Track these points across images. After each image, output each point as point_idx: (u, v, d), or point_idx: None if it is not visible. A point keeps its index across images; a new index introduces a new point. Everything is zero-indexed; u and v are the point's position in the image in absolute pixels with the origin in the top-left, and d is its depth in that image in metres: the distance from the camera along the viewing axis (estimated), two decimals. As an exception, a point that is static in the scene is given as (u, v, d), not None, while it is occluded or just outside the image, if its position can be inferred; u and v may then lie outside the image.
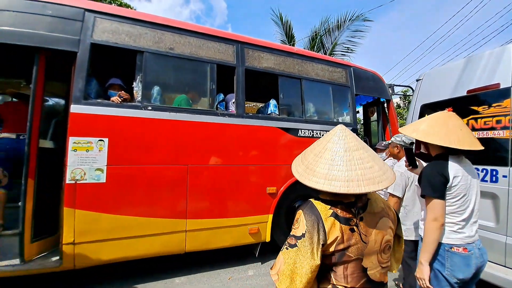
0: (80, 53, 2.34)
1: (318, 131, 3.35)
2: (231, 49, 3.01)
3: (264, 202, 2.97)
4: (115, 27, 2.52)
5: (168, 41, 2.71)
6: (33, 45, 2.20)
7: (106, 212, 2.29)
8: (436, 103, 2.62)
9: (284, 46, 3.46)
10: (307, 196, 3.38)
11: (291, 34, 9.82)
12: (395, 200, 2.15)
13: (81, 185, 2.22)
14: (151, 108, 2.53)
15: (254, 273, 2.79)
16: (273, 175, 3.05)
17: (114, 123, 2.38)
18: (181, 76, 2.96)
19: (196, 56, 2.81)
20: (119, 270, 2.68)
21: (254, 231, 2.88)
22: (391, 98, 4.19)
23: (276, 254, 3.09)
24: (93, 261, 2.26)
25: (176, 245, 2.55)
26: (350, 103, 3.71)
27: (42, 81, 2.32)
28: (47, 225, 2.42)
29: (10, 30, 2.15)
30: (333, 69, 3.66)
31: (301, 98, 3.37)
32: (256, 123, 3.01)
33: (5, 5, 2.19)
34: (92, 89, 2.48)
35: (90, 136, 2.27)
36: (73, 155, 2.21)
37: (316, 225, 0.76)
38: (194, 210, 2.62)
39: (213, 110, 2.86)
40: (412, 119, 2.84)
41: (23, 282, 2.33)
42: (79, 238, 2.19)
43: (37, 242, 2.28)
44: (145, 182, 2.45)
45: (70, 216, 2.17)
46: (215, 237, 2.73)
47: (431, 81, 2.75)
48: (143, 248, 2.43)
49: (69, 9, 2.38)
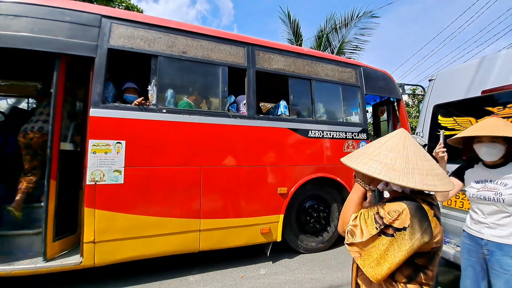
0: (97, 58, 2.41)
1: (328, 131, 3.36)
2: (242, 51, 3.04)
3: (275, 202, 3.01)
4: (131, 32, 2.59)
5: (181, 45, 2.77)
6: (53, 51, 2.29)
7: (124, 212, 2.37)
8: (449, 103, 2.59)
9: (294, 47, 3.48)
10: (317, 196, 3.40)
11: (299, 33, 9.75)
12: None
13: (100, 186, 2.30)
14: (165, 111, 2.60)
15: (266, 272, 2.84)
16: (284, 175, 3.08)
17: (131, 126, 2.45)
18: (194, 79, 3.02)
19: (208, 59, 2.86)
20: (138, 267, 2.77)
21: (265, 231, 2.92)
22: (401, 98, 4.16)
23: (287, 254, 3.16)
24: (112, 259, 2.35)
25: (190, 244, 2.62)
26: (360, 103, 3.70)
27: (63, 85, 2.41)
28: (68, 225, 2.52)
29: (32, 36, 2.23)
30: (343, 69, 3.66)
31: (311, 99, 3.38)
32: (266, 124, 3.05)
33: (26, 12, 2.28)
34: (109, 93, 2.56)
35: (108, 139, 2.35)
36: (93, 157, 2.29)
37: (424, 224, 0.80)
38: (207, 210, 2.68)
39: (224, 112, 2.91)
40: (424, 120, 2.82)
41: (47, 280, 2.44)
42: (99, 237, 2.28)
43: (59, 240, 2.38)
44: (160, 183, 2.52)
45: (90, 215, 2.26)
46: (228, 236, 2.78)
47: (445, 81, 2.72)
48: (159, 247, 2.51)
49: (87, 16, 2.46)
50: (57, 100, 2.34)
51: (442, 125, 2.65)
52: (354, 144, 3.53)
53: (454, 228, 2.32)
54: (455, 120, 2.50)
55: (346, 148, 3.47)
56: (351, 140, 3.52)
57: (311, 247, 3.30)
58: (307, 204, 3.32)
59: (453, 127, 2.52)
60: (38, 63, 3.19)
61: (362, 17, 8.91)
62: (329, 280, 2.65)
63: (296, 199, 3.20)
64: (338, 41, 9.45)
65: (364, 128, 3.66)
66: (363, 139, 3.62)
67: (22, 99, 4.15)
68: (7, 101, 4.13)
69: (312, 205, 3.32)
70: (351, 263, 3.14)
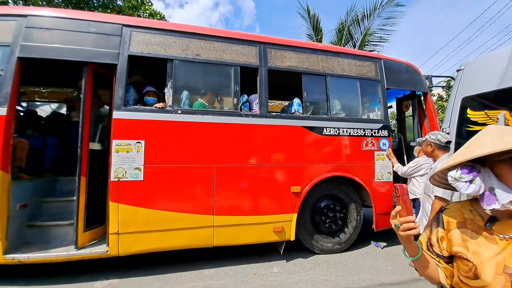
0: (119, 65, 2.62)
1: (344, 129, 3.24)
2: (254, 50, 3.06)
3: (289, 201, 2.99)
4: (148, 39, 2.76)
5: (195, 48, 2.87)
6: (82, 60, 2.54)
7: (144, 206, 2.55)
8: (480, 95, 2.34)
9: (308, 43, 3.41)
10: (334, 196, 3.31)
11: (319, 28, 9.47)
12: (442, 203, 1.93)
13: (123, 182, 2.50)
14: (180, 112, 2.73)
15: (279, 270, 2.84)
16: (297, 174, 3.04)
17: (149, 127, 2.62)
18: (208, 80, 3.12)
19: (221, 60, 2.94)
20: (156, 259, 2.96)
21: (278, 229, 2.92)
22: (428, 91, 3.84)
23: (301, 254, 3.12)
24: (134, 249, 2.54)
25: (205, 239, 2.73)
26: (381, 98, 3.50)
27: (90, 90, 2.66)
28: (97, 217, 2.78)
29: (62, 47, 2.50)
30: (361, 63, 3.49)
31: (326, 96, 3.29)
32: (279, 123, 3.03)
33: (56, 25, 2.56)
34: (130, 96, 2.76)
35: (130, 139, 2.55)
36: (116, 156, 2.50)
37: None
38: (221, 207, 2.76)
39: (237, 111, 2.96)
40: (452, 113, 2.58)
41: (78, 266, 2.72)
42: (122, 229, 2.48)
43: (89, 231, 2.64)
44: (176, 180, 2.66)
45: (114, 209, 2.47)
46: (241, 233, 2.84)
47: (474, 71, 2.45)
48: (175, 240, 2.65)
49: (110, 26, 2.68)
50: (85, 104, 2.59)
51: (471, 120, 2.41)
52: (373, 142, 3.36)
53: None
54: (486, 114, 2.26)
55: (365, 146, 3.32)
56: (370, 138, 3.35)
57: (327, 248, 3.22)
58: (322, 203, 3.24)
59: (484, 122, 2.28)
60: (71, 70, 3.55)
61: (386, 6, 8.34)
62: (344, 283, 2.57)
63: (310, 198, 3.14)
64: (360, 33, 8.99)
65: (385, 125, 3.46)
66: (384, 136, 3.42)
67: (62, 104, 4.65)
68: (50, 106, 4.65)
69: (328, 204, 3.23)
70: (369, 266, 3.01)
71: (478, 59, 2.59)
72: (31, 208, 2.70)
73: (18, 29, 2.47)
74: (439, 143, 2.13)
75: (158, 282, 2.56)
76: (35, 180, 2.89)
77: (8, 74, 2.38)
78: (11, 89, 2.37)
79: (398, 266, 2.93)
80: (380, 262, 3.05)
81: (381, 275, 2.74)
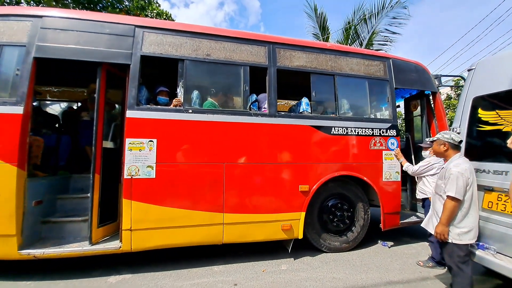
0: (132, 65, 2.67)
1: (352, 128, 3.25)
2: (263, 50, 3.09)
3: (297, 199, 3.01)
4: (160, 39, 2.80)
5: (205, 48, 2.91)
6: (95, 60, 2.59)
7: (156, 203, 2.60)
8: (492, 95, 2.34)
9: (317, 42, 3.42)
10: (341, 195, 3.33)
11: (326, 26, 9.44)
12: (454, 203, 1.97)
13: (136, 180, 2.56)
14: (191, 111, 2.77)
15: (287, 268, 2.87)
16: (305, 173, 3.07)
17: (161, 126, 2.67)
18: (218, 80, 3.16)
19: (231, 60, 2.97)
20: (169, 256, 3.03)
21: (286, 227, 2.95)
22: (437, 90, 3.82)
23: (309, 252, 3.16)
24: (146, 245, 2.60)
25: (214, 236, 2.77)
26: (389, 98, 3.50)
27: (104, 90, 2.72)
28: (111, 213, 2.84)
29: (77, 48, 2.56)
30: (369, 63, 3.50)
31: (335, 95, 3.30)
32: (288, 122, 3.06)
33: (71, 26, 2.62)
34: (143, 96, 2.81)
35: (142, 137, 2.60)
36: (129, 154, 2.56)
37: None
38: (230, 205, 2.80)
39: (246, 110, 3.00)
40: (462, 114, 2.58)
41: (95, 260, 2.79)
42: (135, 225, 2.54)
43: (102, 227, 2.70)
44: (187, 178, 2.71)
45: (127, 206, 2.53)
46: (250, 231, 2.88)
47: (486, 70, 2.45)
48: (186, 237, 2.70)
49: (123, 27, 2.73)
50: (99, 104, 2.65)
51: (482, 119, 2.40)
52: (382, 141, 3.36)
53: (495, 233, 2.12)
54: (498, 114, 2.26)
55: (373, 146, 3.32)
56: (379, 137, 3.36)
57: (334, 247, 3.24)
58: (330, 202, 3.26)
59: (495, 122, 2.28)
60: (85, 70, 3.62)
61: (395, 6, 8.27)
62: (352, 281, 2.59)
63: (318, 197, 3.17)
64: (367, 32, 8.93)
65: (393, 124, 3.46)
66: (392, 135, 3.42)
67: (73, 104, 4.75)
68: (60, 106, 4.74)
69: (336, 203, 3.25)
70: (377, 265, 3.04)
71: (490, 58, 2.58)
72: (46, 204, 2.77)
73: (34, 30, 2.52)
74: (453, 142, 2.13)
75: (169, 277, 2.61)
76: (50, 178, 2.97)
77: (25, 74, 2.44)
78: (27, 88, 2.43)
79: (406, 265, 2.95)
80: (387, 261, 3.07)
81: (389, 273, 2.75)
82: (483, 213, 2.22)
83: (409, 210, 4.09)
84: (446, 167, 2.11)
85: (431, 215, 2.30)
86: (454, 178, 1.97)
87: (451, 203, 1.98)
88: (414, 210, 4.03)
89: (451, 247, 2.02)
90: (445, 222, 1.99)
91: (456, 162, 2.06)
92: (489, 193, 2.23)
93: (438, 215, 2.11)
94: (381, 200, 3.28)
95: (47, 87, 4.40)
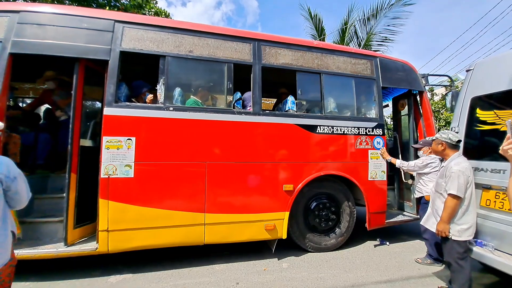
0: (111, 61, 2.59)
1: (338, 127, 3.22)
2: (248, 47, 3.04)
3: (281, 199, 2.97)
4: (141, 35, 2.73)
5: (188, 44, 2.85)
6: (72, 56, 2.52)
7: (134, 203, 2.53)
8: (490, 95, 2.35)
9: (303, 40, 3.36)
10: (325, 194, 3.29)
11: (321, 28, 9.50)
12: (455, 201, 2.00)
13: (113, 179, 2.48)
14: (172, 108, 2.71)
15: (289, 266, 2.86)
16: (290, 172, 3.02)
17: (140, 124, 2.60)
18: (201, 77, 3.09)
19: (214, 57, 2.91)
20: (169, 255, 3.01)
21: (270, 227, 2.91)
22: (424, 90, 3.82)
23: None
24: (124, 247, 2.53)
25: (195, 237, 2.71)
26: (376, 96, 3.48)
27: (82, 87, 2.64)
28: (89, 214, 2.76)
29: (54, 43, 2.47)
30: (356, 61, 3.47)
31: (321, 94, 3.26)
32: (272, 120, 3.01)
33: (49, 20, 2.54)
34: (122, 93, 2.74)
35: (120, 136, 2.53)
36: (106, 153, 2.48)
37: None
38: (212, 205, 2.74)
39: (229, 108, 2.94)
40: (460, 114, 2.59)
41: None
42: (112, 226, 2.47)
43: (79, 228, 2.62)
44: (167, 178, 2.64)
45: (104, 206, 2.45)
46: (232, 231, 2.82)
47: (484, 71, 2.46)
48: (166, 238, 2.64)
49: (102, 21, 2.65)
50: (76, 101, 2.57)
51: (481, 119, 2.42)
52: (367, 140, 3.34)
53: (493, 230, 2.14)
54: (496, 114, 2.28)
55: (359, 145, 3.30)
56: (365, 136, 3.33)
57: (319, 246, 3.21)
58: (316, 202, 3.22)
59: (493, 121, 2.30)
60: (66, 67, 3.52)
61: (394, 6, 8.24)
62: (352, 278, 2.59)
63: (303, 197, 3.13)
64: (366, 33, 8.96)
65: (379, 123, 3.44)
66: (378, 134, 3.40)
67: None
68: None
69: (321, 203, 3.21)
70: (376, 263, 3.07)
71: (488, 59, 2.61)
72: (22, 204, 2.68)
73: (11, 25, 2.45)
74: (451, 142, 2.15)
75: (171, 277, 2.59)
76: (27, 177, 2.86)
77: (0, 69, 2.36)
78: (2, 84, 2.35)
79: (405, 263, 2.98)
80: (386, 259, 3.08)
81: (388, 271, 2.77)
82: (482, 211, 2.24)
83: (396, 209, 4.08)
84: (447, 165, 2.14)
85: (430, 213, 2.33)
86: (455, 176, 2.00)
87: (453, 201, 2.01)
88: (401, 210, 4.02)
89: (451, 244, 2.06)
90: (446, 219, 2.03)
91: (457, 161, 2.10)
92: (487, 191, 2.25)
93: (438, 213, 2.14)
94: (367, 200, 3.25)
95: (32, 85, 4.28)
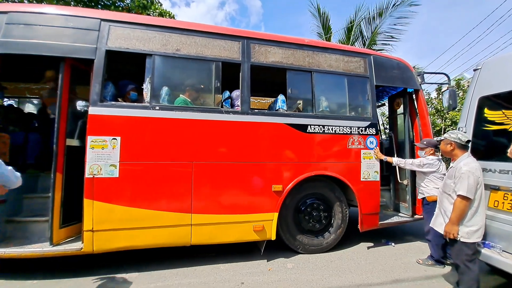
0: (96, 60, 2.57)
1: (329, 126, 3.15)
2: (237, 45, 2.99)
3: (270, 200, 2.92)
4: (127, 34, 2.71)
5: (175, 43, 2.81)
6: (58, 55, 2.50)
7: (119, 204, 2.51)
8: (498, 95, 2.30)
9: (294, 38, 3.29)
10: (316, 194, 3.24)
11: (328, 26, 9.43)
12: (465, 202, 1.95)
13: (98, 179, 2.47)
14: (158, 108, 2.68)
15: (293, 266, 2.84)
16: (279, 172, 2.97)
17: (126, 123, 2.58)
18: (189, 76, 3.05)
19: (202, 56, 2.87)
20: (174, 254, 3.02)
21: (259, 228, 2.86)
22: (420, 88, 3.72)
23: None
24: (109, 247, 2.51)
25: (182, 238, 2.68)
26: (369, 95, 3.40)
27: (67, 86, 2.62)
28: (75, 214, 2.75)
29: (39, 42, 2.46)
30: (349, 59, 3.40)
31: (312, 92, 3.20)
32: (261, 120, 2.97)
33: (35, 20, 2.53)
34: (108, 92, 2.71)
35: (105, 135, 2.51)
36: (91, 152, 2.47)
37: None
38: (198, 205, 2.71)
39: (217, 108, 2.90)
40: (468, 114, 2.53)
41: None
42: (97, 226, 2.45)
43: (65, 228, 2.61)
44: (152, 178, 2.61)
45: (89, 206, 2.44)
46: (219, 232, 2.79)
47: (492, 70, 2.41)
48: (152, 238, 2.61)
49: (87, 20, 2.63)
50: (62, 100, 2.56)
51: (488, 119, 2.37)
52: (360, 140, 3.27)
53: (500, 231, 2.10)
54: (504, 114, 2.23)
55: (351, 144, 3.23)
56: (357, 136, 3.26)
57: (310, 248, 3.16)
58: (306, 202, 3.17)
59: (501, 121, 2.25)
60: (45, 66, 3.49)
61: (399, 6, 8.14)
62: (358, 279, 2.56)
63: (293, 197, 3.08)
64: (371, 32, 8.86)
65: (372, 123, 3.36)
66: (371, 134, 3.32)
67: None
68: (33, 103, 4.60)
69: (311, 204, 3.16)
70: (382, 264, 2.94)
71: (496, 58, 2.57)
72: (10, 203, 2.68)
73: None
74: (460, 142, 2.10)
75: (176, 276, 2.60)
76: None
77: None
78: None
79: (411, 264, 2.92)
80: (392, 260, 3.04)
81: (394, 272, 2.72)
82: (489, 212, 2.19)
83: (392, 211, 4.00)
84: (456, 166, 2.09)
85: (437, 214, 2.28)
86: (465, 177, 1.95)
87: (462, 202, 1.96)
88: (397, 211, 3.94)
89: (459, 246, 2.01)
90: (455, 221, 1.98)
91: (466, 161, 2.05)
92: (495, 192, 2.21)
93: (447, 214, 2.10)
94: (359, 200, 3.18)
95: (25, 84, 4.30)
